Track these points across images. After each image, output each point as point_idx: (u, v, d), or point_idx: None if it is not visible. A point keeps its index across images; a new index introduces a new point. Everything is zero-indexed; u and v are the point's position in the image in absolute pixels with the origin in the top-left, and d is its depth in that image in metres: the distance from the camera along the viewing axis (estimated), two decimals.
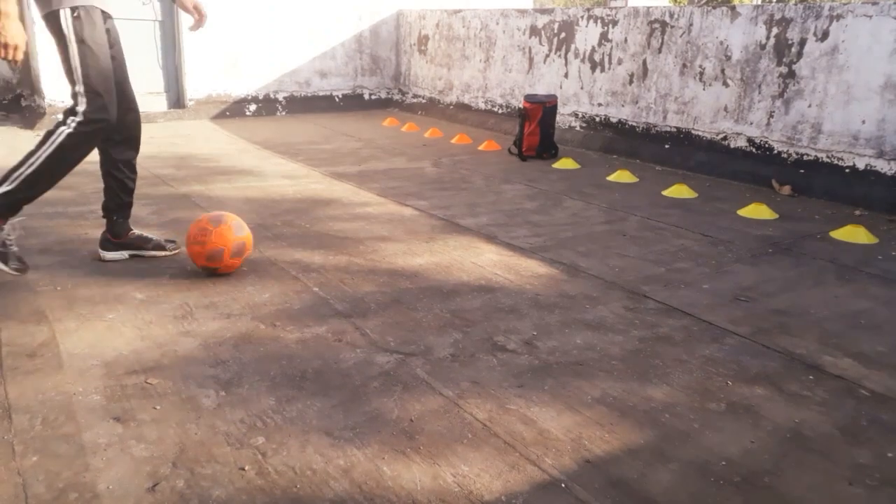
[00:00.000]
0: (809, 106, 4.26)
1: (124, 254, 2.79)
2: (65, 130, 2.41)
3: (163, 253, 2.83)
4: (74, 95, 2.45)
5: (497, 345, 2.15)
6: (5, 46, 2.24)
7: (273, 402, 1.79)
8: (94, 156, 2.63)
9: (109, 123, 2.46)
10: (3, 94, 6.46)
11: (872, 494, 1.50)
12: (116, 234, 2.78)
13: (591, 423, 1.74)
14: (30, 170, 2.39)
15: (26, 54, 6.90)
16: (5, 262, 2.34)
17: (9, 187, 2.38)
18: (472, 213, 3.65)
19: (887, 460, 1.62)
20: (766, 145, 4.53)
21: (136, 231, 2.85)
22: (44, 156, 2.40)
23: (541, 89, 6.14)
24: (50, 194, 3.75)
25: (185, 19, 6.67)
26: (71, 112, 2.44)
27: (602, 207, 3.85)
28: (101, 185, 2.75)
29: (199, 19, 2.81)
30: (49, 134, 2.43)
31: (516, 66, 6.45)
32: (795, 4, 4.39)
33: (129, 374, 1.90)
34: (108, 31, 2.50)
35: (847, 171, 4.11)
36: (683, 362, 2.07)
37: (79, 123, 2.41)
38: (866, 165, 4.02)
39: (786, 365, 2.07)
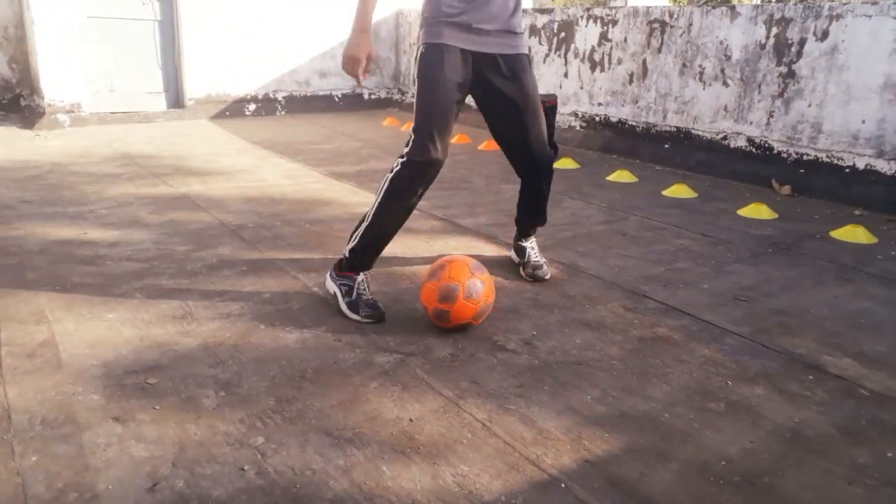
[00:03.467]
0: (809, 106, 4.26)
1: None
2: None
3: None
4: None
5: (497, 344, 2.15)
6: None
7: (273, 402, 1.78)
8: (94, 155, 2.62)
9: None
10: (3, 94, 6.45)
11: (872, 494, 1.50)
12: (514, 240, 2.84)
13: (591, 423, 1.73)
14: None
15: (26, 53, 6.84)
16: (356, 311, 2.28)
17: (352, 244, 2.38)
18: (471, 213, 3.65)
19: (887, 460, 1.62)
20: (766, 145, 4.53)
21: (522, 244, 2.79)
22: None
23: (540, 89, 6.11)
24: (50, 194, 3.77)
25: (185, 20, 6.68)
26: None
27: (602, 207, 3.85)
28: (100, 185, 2.73)
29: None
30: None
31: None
32: (795, 4, 4.39)
33: (129, 374, 1.90)
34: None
35: (847, 170, 4.11)
36: (683, 362, 2.07)
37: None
38: (866, 165, 4.02)
39: (785, 365, 2.07)
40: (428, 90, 2.24)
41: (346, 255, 2.39)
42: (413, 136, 2.24)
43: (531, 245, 2.78)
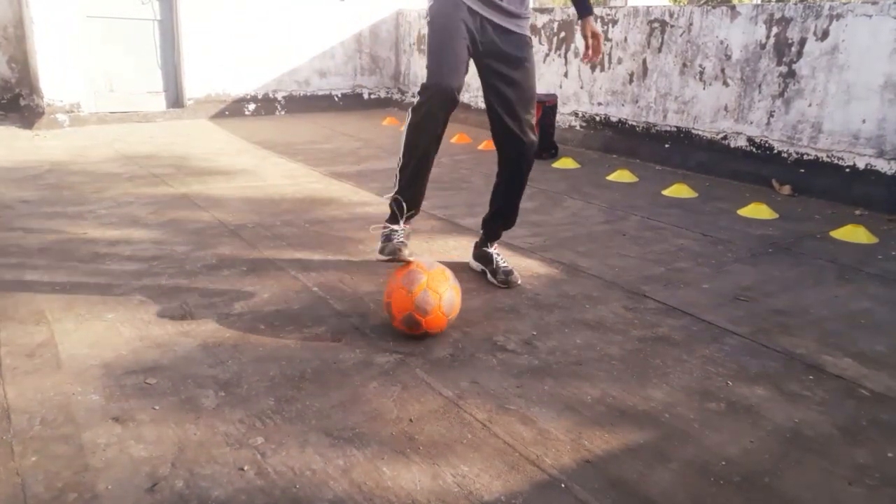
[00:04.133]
0: (809, 105, 4.25)
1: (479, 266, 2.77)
2: None
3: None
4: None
5: (497, 345, 2.15)
6: None
7: (272, 403, 1.78)
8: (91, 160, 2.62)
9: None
10: (2, 94, 6.45)
11: (872, 494, 1.50)
12: (475, 247, 2.81)
13: (591, 423, 1.73)
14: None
15: (25, 53, 6.80)
16: (381, 252, 2.30)
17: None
18: (471, 212, 3.65)
19: (887, 460, 1.62)
20: (767, 145, 4.53)
21: (488, 250, 2.74)
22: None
23: (540, 89, 6.13)
24: (49, 194, 3.77)
25: (185, 19, 6.67)
26: None
27: (602, 207, 3.85)
28: (100, 185, 2.73)
29: (594, 53, 2.52)
30: None
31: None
32: (795, 4, 4.38)
33: (128, 374, 1.90)
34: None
35: (847, 170, 4.11)
36: (683, 362, 2.07)
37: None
38: (866, 165, 4.02)
39: (785, 365, 2.07)
40: (437, 29, 2.35)
41: (390, 203, 2.44)
42: (427, 71, 2.34)
43: (496, 251, 2.74)
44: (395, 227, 2.38)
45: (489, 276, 2.68)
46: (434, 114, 2.30)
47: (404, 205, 2.40)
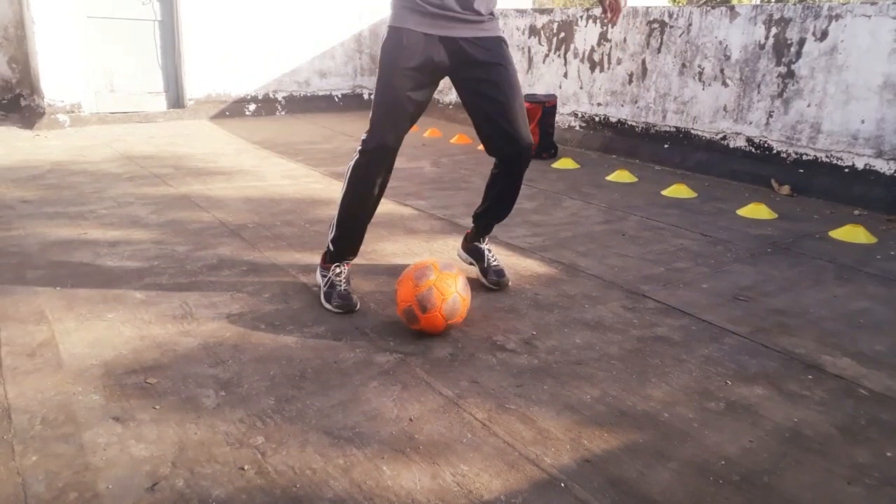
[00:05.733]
0: (808, 106, 4.26)
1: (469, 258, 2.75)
2: None
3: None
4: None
5: (496, 344, 2.15)
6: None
7: (273, 402, 1.79)
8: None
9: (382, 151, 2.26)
10: (3, 94, 6.45)
11: (871, 494, 1.50)
12: (465, 240, 2.78)
13: (591, 423, 1.74)
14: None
15: (26, 53, 6.83)
16: (329, 301, 2.36)
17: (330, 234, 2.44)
18: (471, 212, 3.64)
19: (886, 460, 1.62)
20: (766, 145, 4.53)
21: (480, 246, 2.71)
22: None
23: (540, 89, 6.15)
24: (50, 194, 3.77)
25: (185, 20, 6.68)
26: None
27: (601, 207, 3.86)
28: (100, 185, 2.73)
29: (612, 12, 2.34)
30: None
31: (515, 65, 6.45)
32: (794, 4, 4.39)
33: (129, 373, 1.91)
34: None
35: (846, 170, 4.11)
36: (682, 362, 2.07)
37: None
38: (865, 165, 4.02)
39: (785, 364, 2.07)
40: (383, 79, 2.20)
41: (327, 246, 2.45)
42: (368, 125, 2.24)
43: (488, 247, 2.71)
44: (333, 273, 2.41)
45: (480, 275, 2.67)
46: (372, 177, 2.27)
47: (336, 254, 2.44)
